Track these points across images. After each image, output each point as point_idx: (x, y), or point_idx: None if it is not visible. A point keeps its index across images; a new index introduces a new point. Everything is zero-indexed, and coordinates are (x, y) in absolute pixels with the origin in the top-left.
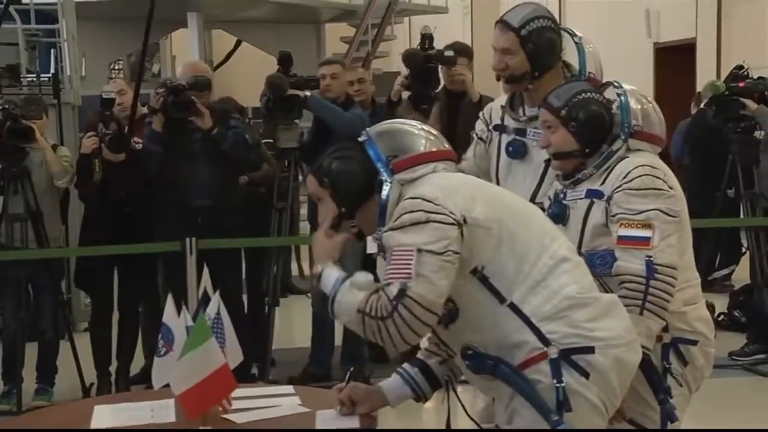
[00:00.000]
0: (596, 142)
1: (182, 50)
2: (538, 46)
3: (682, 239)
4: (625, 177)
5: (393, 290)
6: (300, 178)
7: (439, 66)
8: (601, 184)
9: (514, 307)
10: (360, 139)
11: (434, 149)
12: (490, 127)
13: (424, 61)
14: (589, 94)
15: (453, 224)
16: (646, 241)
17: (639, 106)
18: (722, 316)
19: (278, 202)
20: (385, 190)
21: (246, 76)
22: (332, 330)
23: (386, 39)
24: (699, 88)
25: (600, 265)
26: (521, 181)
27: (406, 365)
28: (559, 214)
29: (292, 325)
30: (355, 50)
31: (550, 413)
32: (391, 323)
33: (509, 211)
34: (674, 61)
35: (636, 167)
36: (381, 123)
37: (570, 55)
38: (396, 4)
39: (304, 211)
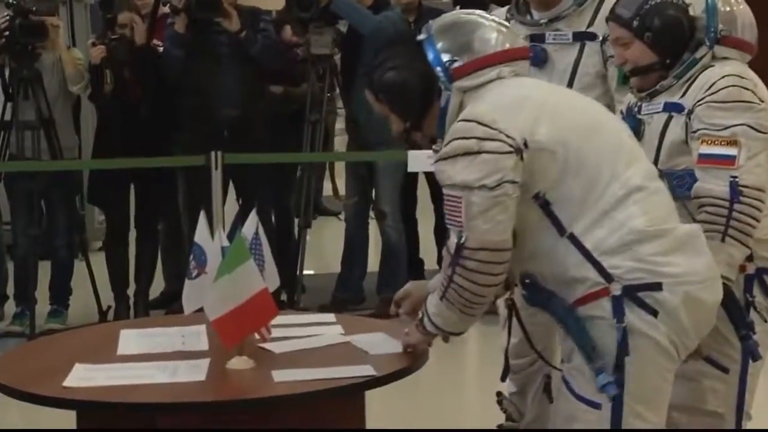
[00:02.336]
0: (677, 51)
1: None
2: None
3: None
4: (709, 88)
5: (452, 243)
6: (337, 89)
7: None
8: (682, 96)
9: (574, 239)
10: (419, 38)
11: (500, 48)
12: None
13: None
14: None
15: (510, 152)
16: (730, 159)
17: (727, 8)
18: None
19: (311, 114)
20: (444, 97)
21: None
22: (365, 254)
23: None
24: None
25: (678, 186)
26: None
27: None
28: (632, 130)
29: (323, 249)
30: None
31: (595, 360)
32: (462, 279)
33: (579, 132)
34: None
35: (722, 77)
36: (445, 15)
37: None
38: None
39: (339, 125)
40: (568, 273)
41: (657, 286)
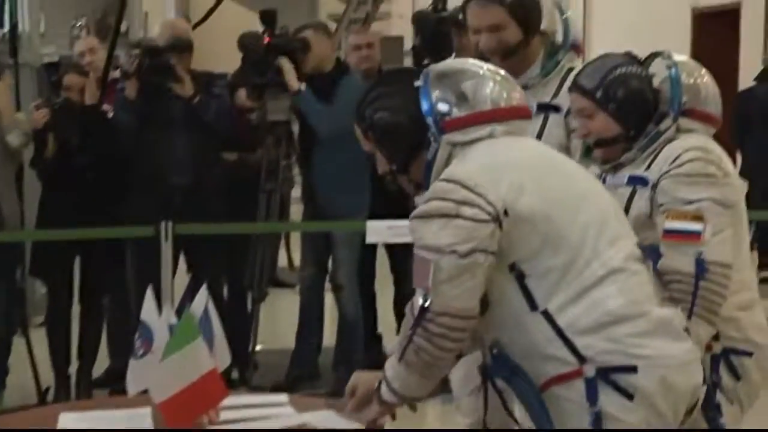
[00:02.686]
0: (641, 123)
1: (156, 6)
2: (527, 9)
3: (738, 234)
4: (674, 161)
5: (416, 303)
6: (293, 156)
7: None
8: (646, 169)
9: (547, 315)
10: (416, 84)
11: (496, 106)
12: None
13: (436, 24)
14: (625, 68)
15: (487, 220)
16: (696, 235)
17: (691, 81)
18: None
19: (267, 182)
20: (432, 149)
21: (229, 37)
22: (320, 328)
23: None
24: (742, 59)
25: None
26: None
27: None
28: None
29: (278, 323)
30: (353, 10)
31: None
32: (423, 341)
33: (564, 204)
34: (715, 29)
35: (686, 150)
36: (444, 62)
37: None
38: None
39: (295, 193)
40: (537, 349)
41: (632, 369)
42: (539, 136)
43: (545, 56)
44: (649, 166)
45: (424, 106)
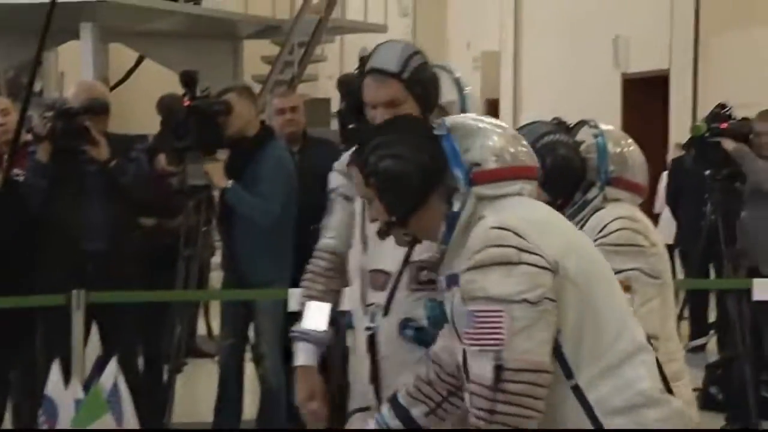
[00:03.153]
0: (569, 192)
1: (72, 66)
2: (425, 85)
3: (665, 304)
4: (600, 231)
5: (485, 369)
6: (213, 222)
7: None
8: None
9: (577, 390)
10: (436, 132)
11: (523, 164)
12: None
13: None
14: (554, 136)
15: (547, 269)
16: None
17: (618, 150)
18: (697, 393)
19: (185, 249)
20: (458, 202)
21: (149, 98)
22: (240, 401)
23: (315, 60)
24: (672, 125)
25: None
26: (391, 244)
27: (386, 412)
28: None
29: (196, 395)
30: (278, 72)
31: None
32: (510, 406)
33: (601, 274)
34: (644, 95)
35: (613, 220)
36: (461, 116)
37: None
38: (327, 20)
39: (216, 259)
40: (562, 422)
41: None
42: None
43: None
44: None
45: (449, 153)
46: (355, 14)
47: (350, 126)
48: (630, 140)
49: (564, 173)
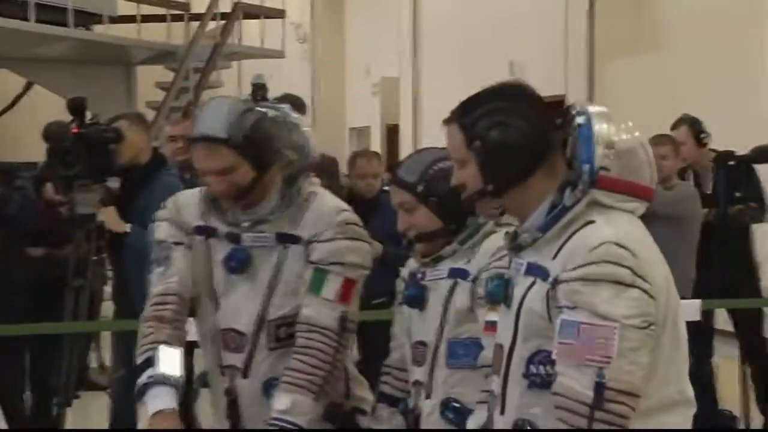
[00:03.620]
0: (462, 217)
1: None
2: (259, 145)
3: None
4: (493, 254)
5: (585, 386)
6: (104, 251)
7: None
8: (467, 262)
9: None
10: (578, 122)
11: (647, 185)
12: (186, 229)
13: None
14: (446, 162)
15: (653, 299)
16: None
17: None
18: None
19: (75, 278)
20: (572, 198)
21: (38, 125)
22: (132, 428)
23: (211, 86)
24: None
25: (464, 355)
26: (243, 302)
27: None
28: (415, 298)
29: (89, 428)
30: (173, 98)
31: None
32: (608, 425)
33: (675, 314)
34: None
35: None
36: (597, 109)
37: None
38: (223, 45)
39: (107, 288)
40: None
41: None
42: (277, 269)
43: (284, 183)
44: (470, 259)
45: (583, 147)
46: (253, 40)
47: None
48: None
49: (458, 198)
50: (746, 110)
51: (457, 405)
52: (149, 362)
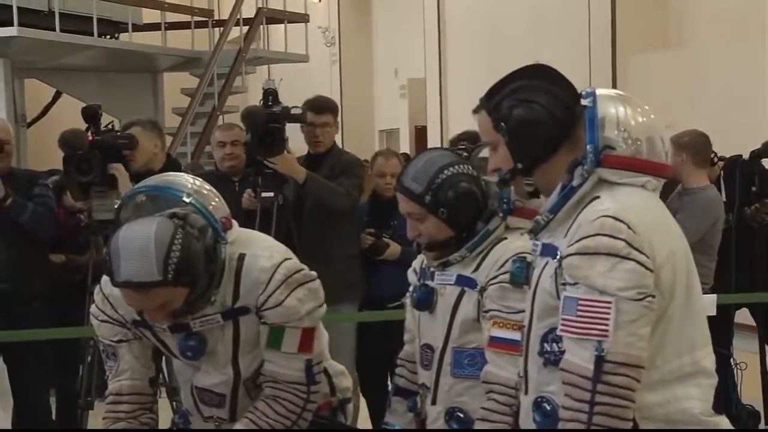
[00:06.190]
0: (472, 224)
1: None
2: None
3: None
4: (501, 267)
5: (585, 359)
6: None
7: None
8: (474, 271)
9: None
10: (583, 102)
11: (658, 161)
12: (126, 323)
13: (267, 119)
14: (454, 168)
15: (651, 271)
16: (516, 345)
17: None
18: None
19: (93, 284)
20: (579, 177)
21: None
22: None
23: (236, 92)
24: None
25: (469, 365)
26: (213, 373)
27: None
28: (424, 301)
29: None
30: (198, 104)
31: None
32: (610, 398)
33: (686, 287)
34: None
35: (515, 254)
36: (605, 91)
37: None
38: (247, 51)
39: None
40: None
41: None
42: (235, 340)
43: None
44: (477, 267)
45: (588, 128)
46: (280, 45)
47: (257, 158)
48: None
49: (467, 207)
50: None
51: (461, 415)
52: None
